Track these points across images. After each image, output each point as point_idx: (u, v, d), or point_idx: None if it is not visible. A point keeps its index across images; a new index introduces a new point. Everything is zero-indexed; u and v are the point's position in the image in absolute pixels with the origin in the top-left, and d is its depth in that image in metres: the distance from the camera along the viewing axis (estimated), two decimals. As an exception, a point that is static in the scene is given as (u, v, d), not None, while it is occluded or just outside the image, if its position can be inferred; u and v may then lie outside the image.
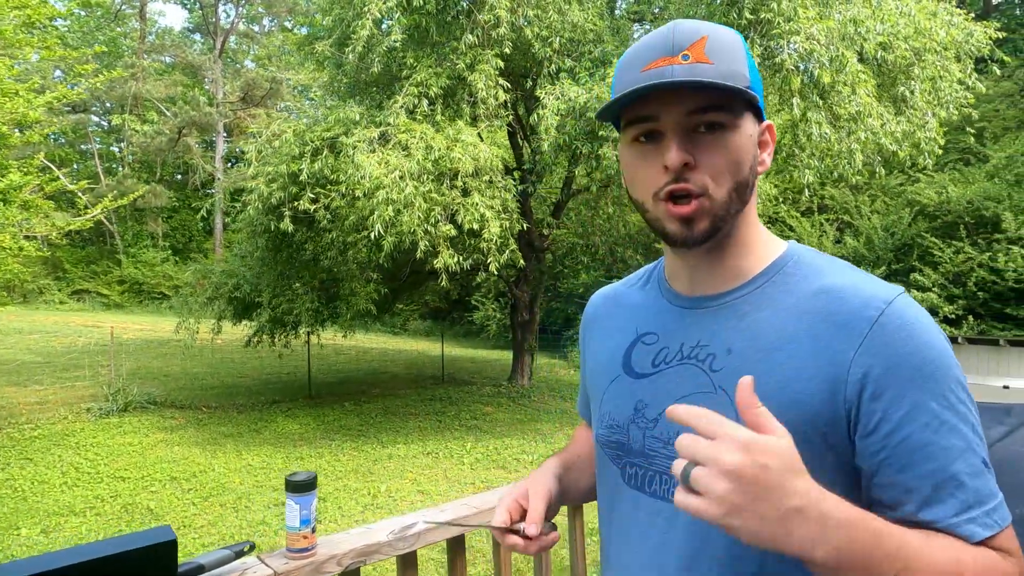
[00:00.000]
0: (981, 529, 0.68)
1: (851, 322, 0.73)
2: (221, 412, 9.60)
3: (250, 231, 8.40)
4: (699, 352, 0.82)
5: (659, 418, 0.83)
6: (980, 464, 0.70)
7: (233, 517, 5.55)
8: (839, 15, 6.74)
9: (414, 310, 22.52)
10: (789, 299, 0.79)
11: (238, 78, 28.65)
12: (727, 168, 0.76)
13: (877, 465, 0.71)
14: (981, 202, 12.75)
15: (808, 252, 0.85)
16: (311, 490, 1.24)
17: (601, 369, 0.95)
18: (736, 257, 0.83)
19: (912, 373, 0.70)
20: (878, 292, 0.74)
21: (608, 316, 1.00)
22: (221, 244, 28.13)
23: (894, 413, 0.70)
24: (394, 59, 7.59)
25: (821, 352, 0.73)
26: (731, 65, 0.75)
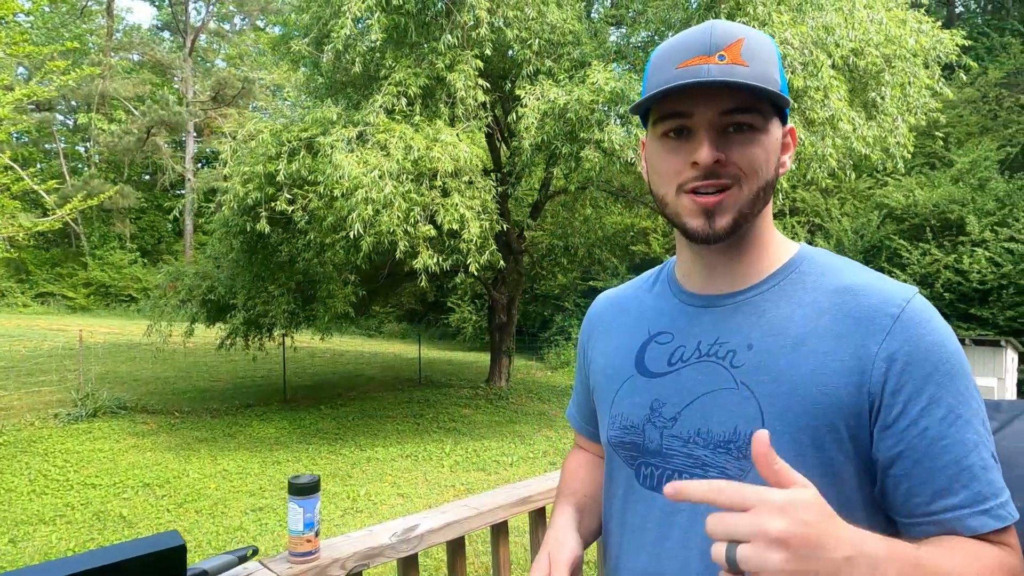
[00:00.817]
0: (993, 521, 0.70)
1: (874, 318, 0.75)
2: (194, 417, 9.42)
3: (224, 232, 8.26)
4: (718, 349, 0.82)
5: (678, 416, 0.83)
6: (990, 458, 0.73)
7: (209, 523, 5.44)
8: (812, 21, 6.87)
9: (390, 312, 22.38)
10: (808, 296, 0.81)
11: (209, 77, 28.18)
12: (754, 168, 0.78)
13: (895, 457, 0.73)
14: (946, 205, 13.09)
15: (820, 252, 0.87)
16: (315, 493, 1.22)
17: (611, 371, 0.94)
18: (753, 256, 0.85)
19: (931, 369, 0.73)
20: (897, 291, 0.77)
21: (614, 319, 1.00)
22: (192, 246, 27.62)
23: (913, 407, 0.72)
24: (372, 59, 7.53)
25: (845, 346, 0.75)
26: (765, 68, 0.77)
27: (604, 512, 0.98)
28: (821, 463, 0.74)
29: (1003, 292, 11.88)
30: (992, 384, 9.71)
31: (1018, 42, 16.35)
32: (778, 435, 0.74)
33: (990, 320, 11.92)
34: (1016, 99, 15.04)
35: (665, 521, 0.83)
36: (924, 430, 0.72)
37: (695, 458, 0.81)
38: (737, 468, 0.77)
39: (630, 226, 13.63)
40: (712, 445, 0.79)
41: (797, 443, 0.74)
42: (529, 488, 1.60)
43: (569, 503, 1.01)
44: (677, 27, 7.62)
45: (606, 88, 6.56)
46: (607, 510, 0.96)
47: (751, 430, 0.76)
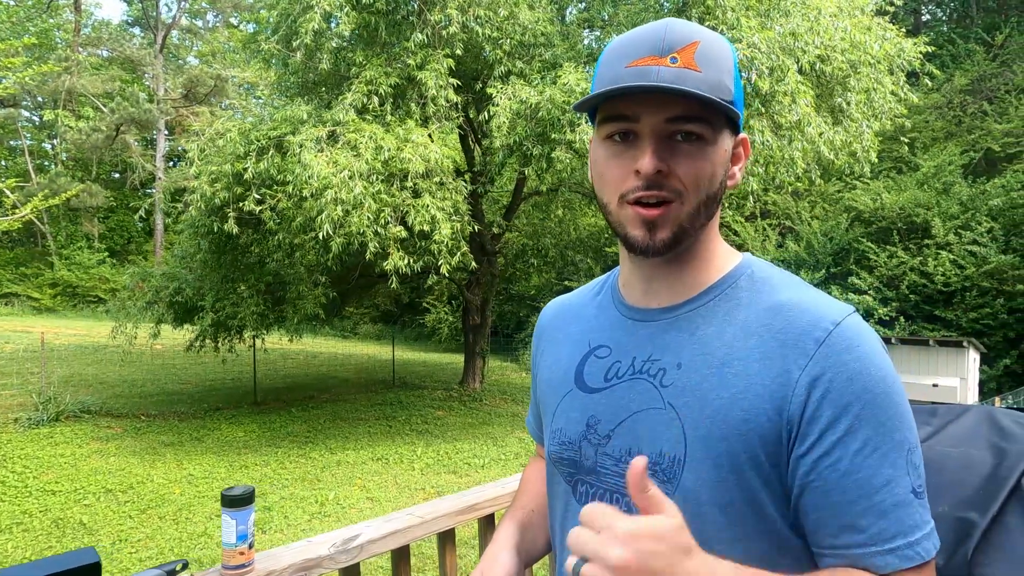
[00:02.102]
0: (898, 560, 0.68)
1: (799, 340, 0.72)
2: (161, 420, 9.25)
3: (192, 232, 8.12)
4: (650, 367, 0.80)
5: (611, 435, 0.81)
6: (908, 494, 0.69)
7: (173, 530, 5.35)
8: (779, 28, 6.96)
9: (364, 314, 22.23)
10: (740, 314, 0.77)
11: (180, 74, 27.71)
12: (699, 180, 0.74)
13: (804, 486, 0.71)
14: (912, 209, 13.36)
15: (761, 266, 0.83)
16: (248, 504, 1.19)
17: (554, 383, 0.92)
18: (693, 270, 0.81)
19: (851, 398, 0.69)
20: (827, 312, 0.73)
21: (560, 328, 0.97)
22: (162, 246, 27.15)
23: (828, 437, 0.69)
24: (343, 58, 7.47)
25: (769, 369, 0.72)
26: (719, 76, 0.73)
27: (550, 526, 0.96)
28: (743, 489, 0.72)
29: (966, 294, 12.15)
30: (955, 384, 9.92)
31: (982, 50, 16.75)
32: (699, 460, 0.73)
33: (954, 321, 12.19)
34: (979, 105, 15.41)
35: None
36: (836, 461, 0.69)
37: (625, 479, 0.77)
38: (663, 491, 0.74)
39: (604, 228, 13.68)
40: None
41: (718, 468, 0.72)
42: (476, 496, 1.59)
43: (514, 519, 1.00)
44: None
45: (577, 89, 6.58)
46: (551, 524, 0.95)
47: (675, 454, 0.74)
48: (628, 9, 7.90)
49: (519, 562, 0.93)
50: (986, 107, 15.20)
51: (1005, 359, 11.64)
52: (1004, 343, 11.82)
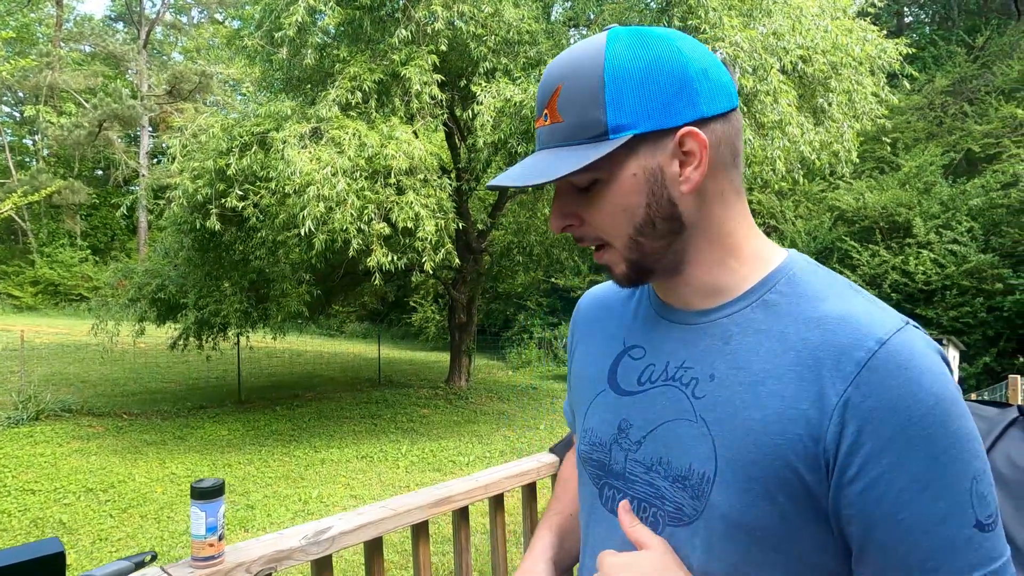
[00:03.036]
0: None
1: (839, 362, 0.64)
2: (143, 419, 9.18)
3: (175, 229, 8.07)
4: (683, 375, 0.75)
5: (642, 441, 0.77)
6: (971, 529, 0.62)
7: (154, 528, 5.31)
8: (762, 28, 7.02)
9: (350, 312, 22.15)
10: (778, 325, 0.71)
11: (164, 70, 27.45)
12: (613, 220, 0.71)
13: (850, 519, 0.65)
14: (894, 208, 13.52)
15: (806, 269, 0.75)
16: (217, 497, 1.20)
17: (587, 381, 0.89)
18: (711, 275, 0.75)
19: (896, 430, 0.62)
20: (874, 328, 0.65)
21: (596, 320, 0.93)
22: (146, 243, 26.91)
23: (871, 470, 0.62)
24: (327, 54, 7.44)
25: (805, 393, 0.65)
26: (583, 116, 0.68)
27: (579, 522, 0.92)
28: (774, 512, 0.66)
29: (946, 293, 12.32)
30: (935, 381, 10.06)
31: (963, 51, 16.96)
32: (729, 481, 0.68)
33: (934, 320, 12.34)
34: (960, 107, 15.60)
35: (623, 549, 0.75)
36: (881, 497, 0.62)
37: (655, 488, 0.75)
38: (691, 508, 0.71)
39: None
40: (671, 478, 0.73)
41: (748, 492, 0.66)
42: (449, 489, 1.61)
43: (549, 526, 0.97)
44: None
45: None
46: (581, 524, 0.91)
47: (705, 471, 0.70)
48: (613, 8, 7.93)
49: (554, 572, 0.92)
50: (967, 108, 15.40)
51: (984, 357, 11.80)
52: (983, 341, 11.99)
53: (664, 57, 0.68)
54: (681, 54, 0.69)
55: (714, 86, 0.70)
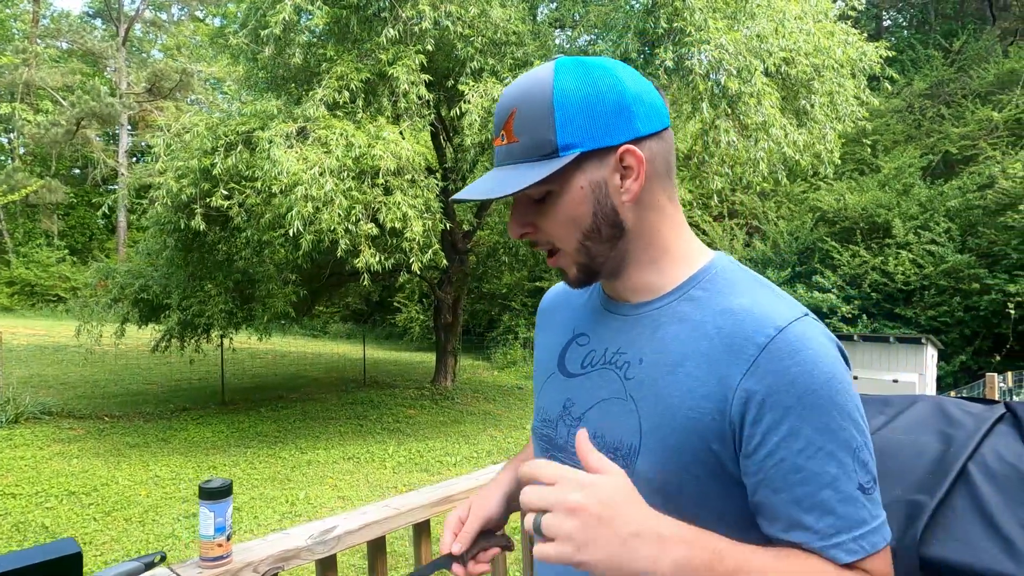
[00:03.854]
0: (845, 555, 0.71)
1: (743, 346, 0.74)
2: (125, 421, 9.06)
3: (158, 229, 7.97)
4: (618, 359, 0.85)
5: (582, 417, 0.87)
6: (855, 490, 0.72)
7: (139, 532, 5.25)
8: (746, 30, 7.10)
9: (334, 312, 22.01)
10: (697, 315, 0.81)
11: (144, 68, 27.08)
12: (564, 227, 0.81)
13: (756, 484, 0.74)
14: (874, 209, 13.72)
15: (728, 267, 0.86)
16: (226, 497, 1.20)
17: (542, 364, 1.00)
18: (647, 274, 0.86)
19: (792, 401, 0.71)
20: (774, 317, 0.75)
21: (556, 311, 1.04)
22: (125, 244, 26.54)
23: (771, 437, 0.72)
24: (313, 53, 7.40)
25: (713, 373, 0.75)
26: (536, 137, 0.77)
27: None
28: (692, 481, 0.76)
29: (925, 293, 12.52)
30: (914, 379, 10.22)
31: (940, 55, 17.25)
32: (651, 451, 0.77)
33: (913, 319, 12.55)
34: (937, 109, 15.86)
35: None
36: (781, 461, 0.72)
37: None
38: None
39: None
40: (604, 449, 0.81)
41: (668, 462, 0.76)
42: (450, 488, 1.62)
43: (514, 467, 1.05)
44: (619, 29, 7.74)
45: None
46: None
47: (632, 443, 0.80)
48: (599, 10, 7.97)
49: (507, 508, 0.98)
50: (944, 111, 15.66)
51: (961, 355, 12.02)
52: (960, 340, 12.21)
53: (605, 84, 0.78)
54: (620, 82, 0.79)
55: (648, 109, 0.80)
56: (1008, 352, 11.67)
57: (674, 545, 0.65)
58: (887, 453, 1.34)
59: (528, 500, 0.66)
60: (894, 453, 1.40)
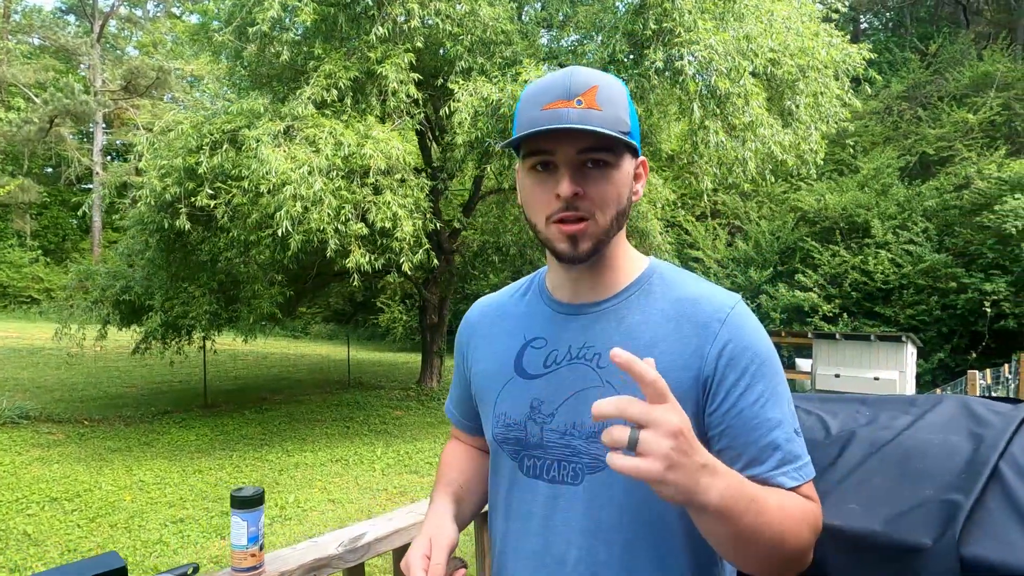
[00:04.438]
0: (790, 480, 0.87)
1: (708, 323, 0.91)
2: (106, 425, 8.88)
3: (140, 229, 7.80)
4: (586, 352, 0.94)
5: (555, 412, 0.94)
6: (792, 432, 0.89)
7: (126, 538, 5.14)
8: (734, 31, 7.14)
9: (316, 313, 21.80)
10: (657, 305, 0.95)
11: (120, 65, 26.58)
12: (610, 198, 0.90)
13: (719, 434, 0.88)
14: (854, 209, 13.92)
15: (667, 267, 1.01)
16: (259, 505, 1.16)
17: (492, 373, 1.03)
18: (611, 271, 0.98)
19: (748, 363, 0.89)
20: (724, 299, 0.93)
21: (492, 324, 1.09)
22: (100, 244, 26.04)
23: (733, 393, 0.88)
24: (300, 51, 7.31)
25: (686, 347, 0.90)
26: (616, 113, 0.88)
27: (490, 503, 1.07)
28: None
29: (903, 292, 12.73)
30: (894, 377, 10.37)
31: (916, 58, 17.55)
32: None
33: (892, 318, 12.75)
34: (914, 111, 16.14)
35: (549, 505, 0.94)
36: (741, 411, 0.87)
37: (571, 448, 0.92)
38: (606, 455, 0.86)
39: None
40: (584, 436, 0.91)
41: None
42: (477, 491, 1.59)
43: (447, 493, 1.09)
44: (607, 30, 7.75)
45: (540, 87, 6.60)
46: (493, 501, 1.05)
47: (616, 422, 0.84)
48: (587, 10, 7.97)
49: (457, 530, 1.04)
50: (921, 113, 15.94)
51: (939, 353, 12.24)
52: (938, 338, 12.43)
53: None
54: None
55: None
56: (984, 349, 11.91)
57: (724, 476, 0.74)
58: (916, 453, 1.34)
59: (626, 410, 0.68)
60: (923, 453, 1.39)
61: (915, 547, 1.05)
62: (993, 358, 11.38)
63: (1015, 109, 14.56)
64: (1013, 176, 12.07)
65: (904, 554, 1.07)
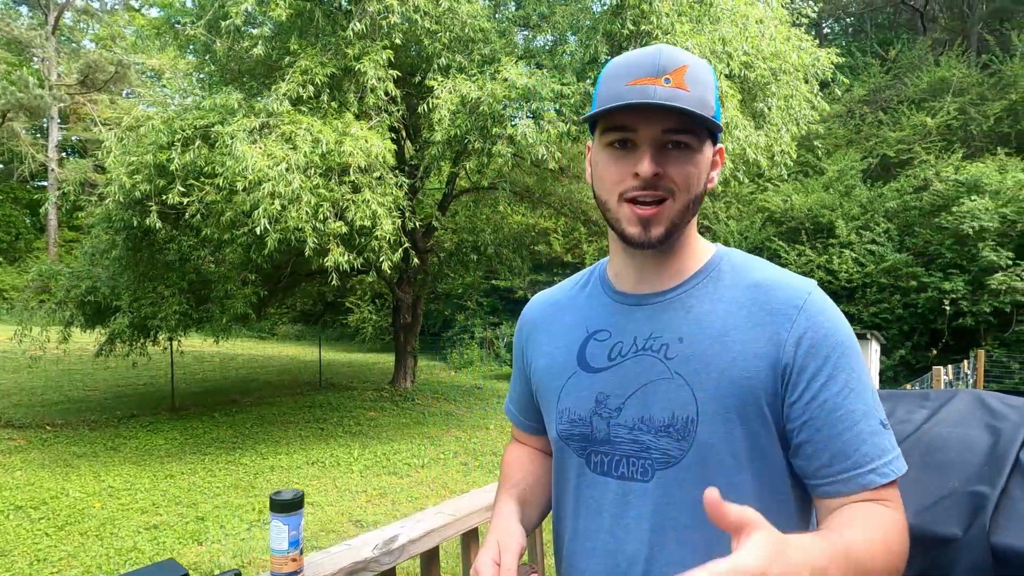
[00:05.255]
0: (879, 478, 0.82)
1: (783, 310, 0.87)
2: (70, 430, 8.58)
3: (107, 227, 7.54)
4: (653, 343, 0.91)
5: (622, 406, 0.91)
6: (878, 424, 0.85)
7: (97, 546, 4.97)
8: (710, 34, 7.24)
9: (283, 313, 21.45)
10: (727, 292, 0.91)
11: (76, 59, 25.73)
12: (688, 182, 0.87)
13: (800, 426, 0.85)
14: (819, 210, 14.25)
15: (734, 252, 0.98)
16: (299, 509, 1.13)
17: (554, 369, 1.00)
18: (679, 259, 0.94)
19: (828, 351, 0.85)
20: (799, 285, 0.90)
21: (552, 319, 1.06)
22: (56, 243, 25.19)
23: (814, 383, 0.84)
24: (275, 47, 7.16)
25: (761, 335, 0.86)
26: (703, 95, 0.85)
27: (555, 501, 1.04)
28: (748, 436, 0.85)
29: (867, 290, 13.08)
30: (860, 373, 10.66)
31: (877, 63, 18.04)
32: (711, 416, 0.85)
33: (856, 316, 13.08)
34: (875, 115, 16.59)
35: (619, 502, 0.91)
36: (824, 402, 0.84)
37: (640, 443, 0.89)
38: (677, 449, 0.87)
39: (532, 226, 13.83)
40: (654, 431, 0.88)
41: (728, 421, 0.85)
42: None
43: (511, 495, 1.06)
44: (584, 31, 7.78)
45: (518, 84, 6.60)
46: (559, 499, 1.02)
47: (688, 414, 0.86)
48: (564, 10, 7.99)
49: (524, 533, 1.00)
50: (881, 116, 16.39)
51: (901, 350, 12.60)
52: (900, 335, 12.79)
53: None
54: None
55: None
56: (944, 347, 12.30)
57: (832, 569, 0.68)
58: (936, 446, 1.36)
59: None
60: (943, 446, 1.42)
61: (946, 538, 1.07)
62: (952, 355, 11.75)
63: (970, 113, 15.07)
64: (969, 178, 12.48)
65: (936, 545, 1.09)
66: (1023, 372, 11.19)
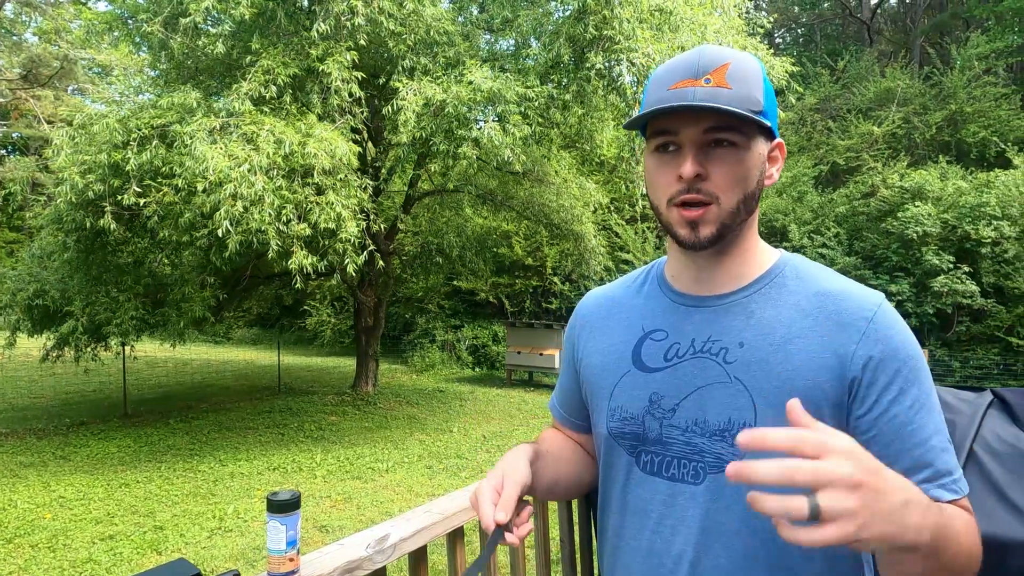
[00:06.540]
0: (948, 494, 0.81)
1: (852, 322, 0.85)
2: (15, 439, 8.24)
3: (57, 228, 7.27)
4: (712, 346, 0.90)
5: (676, 408, 0.90)
6: (947, 441, 0.84)
7: (50, 558, 4.79)
8: (669, 42, 7.40)
9: (239, 317, 20.98)
10: (791, 299, 0.90)
11: (18, 53, 24.74)
12: (735, 181, 0.85)
13: (869, 440, 0.82)
14: (772, 215, 14.66)
15: (799, 259, 0.96)
16: (296, 509, 1.13)
17: (608, 366, 0.99)
18: (739, 261, 0.93)
19: (899, 365, 0.84)
20: (870, 297, 0.88)
21: (607, 316, 1.05)
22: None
23: (884, 397, 0.83)
24: (235, 45, 7.03)
25: (827, 345, 0.85)
26: (748, 91, 0.84)
27: (602, 497, 1.04)
28: None
29: (819, 292, 13.50)
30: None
31: (827, 73, 18.66)
32: (770, 423, 0.83)
33: (809, 316, 13.49)
34: (825, 123, 17.15)
35: (667, 503, 0.91)
36: (893, 417, 0.82)
37: (692, 445, 0.88)
38: (731, 454, 0.85)
39: (494, 229, 13.85)
40: (708, 434, 0.87)
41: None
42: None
43: (532, 446, 1.03)
44: (547, 36, 7.86)
45: (484, 87, 6.63)
46: (605, 495, 1.02)
47: (743, 420, 0.85)
48: (528, 14, 8.06)
49: (532, 475, 0.94)
50: (831, 125, 16.95)
51: (851, 350, 13.04)
52: (850, 336, 13.25)
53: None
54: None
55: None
56: (890, 346, 12.80)
57: (928, 509, 0.66)
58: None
59: (795, 476, 0.57)
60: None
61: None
62: (898, 354, 12.24)
63: (914, 123, 15.72)
64: (913, 185, 13.02)
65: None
66: (964, 370, 11.71)
